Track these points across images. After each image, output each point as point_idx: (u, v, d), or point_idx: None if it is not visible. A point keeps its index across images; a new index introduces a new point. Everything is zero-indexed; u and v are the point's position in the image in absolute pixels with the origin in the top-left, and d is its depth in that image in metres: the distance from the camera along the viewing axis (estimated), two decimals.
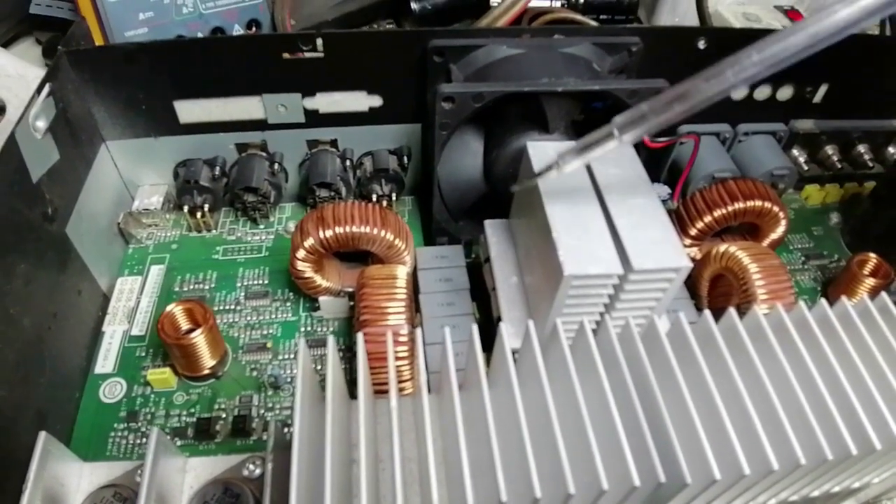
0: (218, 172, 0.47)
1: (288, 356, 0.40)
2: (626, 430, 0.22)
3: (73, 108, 0.40)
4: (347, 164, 0.48)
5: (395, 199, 0.49)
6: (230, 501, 0.29)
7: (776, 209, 0.41)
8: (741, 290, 0.37)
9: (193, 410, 0.37)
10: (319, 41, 0.41)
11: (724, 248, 0.38)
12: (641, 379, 0.24)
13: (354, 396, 0.26)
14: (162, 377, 0.37)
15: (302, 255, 0.39)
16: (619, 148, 0.36)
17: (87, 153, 0.42)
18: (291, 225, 0.48)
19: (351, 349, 0.40)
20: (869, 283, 0.42)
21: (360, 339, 0.26)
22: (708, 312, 0.27)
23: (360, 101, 0.45)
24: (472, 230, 0.45)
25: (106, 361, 0.39)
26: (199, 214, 0.47)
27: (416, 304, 0.39)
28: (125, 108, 0.43)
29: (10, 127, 0.34)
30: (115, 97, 0.42)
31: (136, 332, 0.41)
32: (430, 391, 0.27)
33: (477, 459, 0.22)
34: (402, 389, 0.34)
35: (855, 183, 0.55)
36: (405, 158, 0.48)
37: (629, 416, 0.23)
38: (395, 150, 0.48)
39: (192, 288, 0.44)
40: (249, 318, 0.42)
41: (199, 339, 0.36)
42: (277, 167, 0.47)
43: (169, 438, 0.34)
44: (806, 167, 0.52)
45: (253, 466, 0.30)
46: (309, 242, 0.38)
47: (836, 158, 0.52)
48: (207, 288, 0.44)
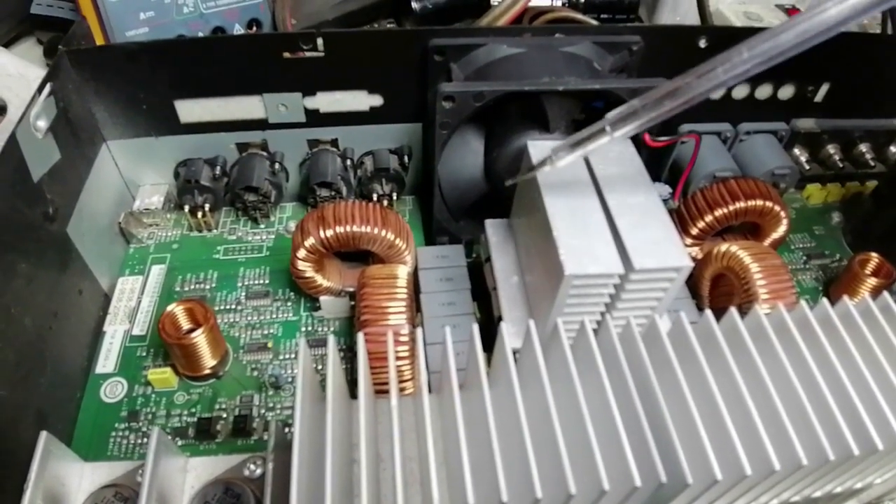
0: (219, 172, 0.47)
1: (289, 356, 0.40)
2: (627, 430, 0.22)
3: (73, 107, 0.40)
4: (348, 163, 0.48)
5: (395, 198, 0.49)
6: (231, 501, 0.29)
7: (777, 208, 0.41)
8: (742, 289, 0.37)
9: (194, 410, 0.37)
10: (320, 40, 0.41)
11: (725, 247, 0.38)
12: (642, 379, 0.24)
13: (355, 396, 0.26)
14: (163, 377, 0.38)
15: (303, 254, 0.39)
16: (619, 147, 0.36)
17: (87, 153, 0.42)
18: (292, 224, 0.48)
19: (352, 349, 0.40)
20: (871, 282, 0.42)
21: (360, 338, 0.26)
22: (709, 312, 0.27)
23: (360, 100, 0.45)
24: (472, 230, 0.45)
25: (107, 361, 0.39)
26: (199, 214, 0.47)
27: (416, 303, 0.39)
28: (126, 107, 0.43)
29: (10, 127, 0.34)
30: (115, 97, 0.42)
31: (137, 331, 0.41)
32: (430, 391, 0.27)
33: (478, 459, 0.22)
34: (402, 389, 0.34)
35: (856, 182, 0.55)
36: (406, 158, 0.48)
37: (630, 416, 0.23)
38: (395, 149, 0.48)
39: (192, 287, 0.44)
40: (250, 317, 0.42)
41: (199, 338, 0.36)
42: (278, 167, 0.47)
43: (170, 438, 0.34)
44: (807, 166, 0.52)
45: (254, 466, 0.30)
46: (310, 242, 0.38)
47: (837, 158, 0.52)
48: (208, 288, 0.44)
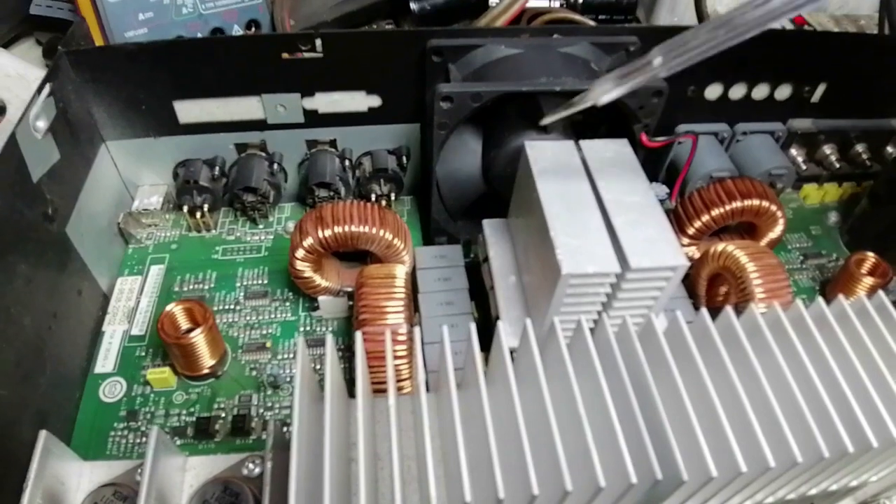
0: (217, 172, 0.47)
1: (287, 356, 0.40)
2: (623, 427, 0.22)
3: (73, 108, 0.40)
4: (346, 163, 0.48)
5: (393, 198, 0.49)
6: (230, 500, 0.29)
7: (774, 208, 0.41)
8: (739, 289, 0.37)
9: (193, 410, 0.37)
10: (318, 41, 0.41)
11: (721, 247, 0.38)
12: (638, 377, 0.24)
13: (353, 395, 0.26)
14: (162, 377, 0.38)
15: (301, 254, 0.39)
16: (616, 147, 0.36)
17: (87, 153, 0.42)
18: (290, 225, 0.49)
19: (350, 348, 0.40)
20: (867, 282, 0.42)
21: (359, 337, 0.26)
22: (705, 311, 0.27)
23: (359, 101, 0.45)
24: (470, 230, 0.45)
25: (106, 361, 0.39)
26: (198, 214, 0.47)
27: (414, 303, 0.39)
28: (125, 108, 0.43)
29: (10, 127, 0.34)
30: (115, 97, 0.42)
31: (135, 331, 0.41)
32: (428, 390, 0.27)
33: (475, 457, 0.22)
34: (400, 388, 0.34)
35: (853, 182, 0.55)
36: (404, 158, 0.48)
37: (626, 414, 0.23)
38: (393, 149, 0.48)
39: (191, 288, 0.44)
40: (249, 317, 0.43)
41: (198, 338, 0.36)
42: (277, 167, 0.48)
43: (169, 437, 0.35)
44: (804, 166, 0.52)
45: (252, 465, 0.30)
46: (308, 242, 0.38)
47: (834, 158, 0.52)
48: (207, 288, 0.44)
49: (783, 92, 0.49)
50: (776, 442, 0.23)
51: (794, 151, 0.52)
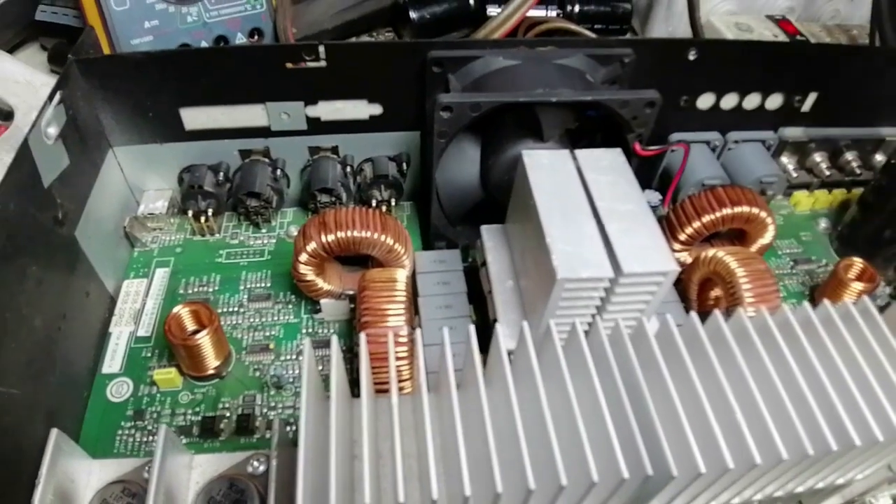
0: (222, 178, 0.47)
1: (290, 357, 0.41)
2: (615, 425, 0.23)
3: (82, 115, 0.41)
4: (348, 170, 0.48)
5: (394, 204, 0.49)
6: (235, 496, 0.30)
7: (763, 215, 0.42)
8: (728, 293, 0.38)
9: (198, 409, 0.38)
10: (322, 51, 0.42)
11: (712, 252, 0.39)
12: (630, 378, 0.25)
13: (356, 395, 0.27)
14: (168, 377, 0.38)
15: (304, 258, 0.40)
16: (610, 156, 0.37)
17: (95, 159, 0.43)
18: (293, 229, 0.49)
19: (351, 350, 0.41)
20: (855, 287, 0.43)
21: (362, 339, 0.27)
22: (694, 314, 0.28)
23: (360, 109, 0.45)
24: (469, 235, 0.46)
25: (113, 361, 0.40)
26: (203, 219, 0.48)
27: (415, 306, 0.40)
28: (132, 114, 0.44)
29: (18, 132, 0.34)
30: (122, 104, 0.43)
31: (141, 333, 0.42)
32: (429, 390, 0.28)
33: (474, 454, 0.23)
34: (402, 388, 0.35)
35: (843, 189, 0.56)
36: (404, 165, 0.49)
37: (619, 412, 0.24)
38: (394, 156, 0.49)
39: (196, 290, 0.45)
40: (252, 319, 0.43)
41: (204, 339, 0.37)
42: (280, 173, 0.48)
43: (176, 436, 0.35)
44: (795, 174, 0.53)
45: (257, 463, 0.31)
46: (311, 246, 0.39)
47: (824, 166, 0.53)
48: (211, 290, 0.45)
49: (774, 101, 0.50)
50: (762, 440, 0.24)
51: (784, 159, 0.53)
